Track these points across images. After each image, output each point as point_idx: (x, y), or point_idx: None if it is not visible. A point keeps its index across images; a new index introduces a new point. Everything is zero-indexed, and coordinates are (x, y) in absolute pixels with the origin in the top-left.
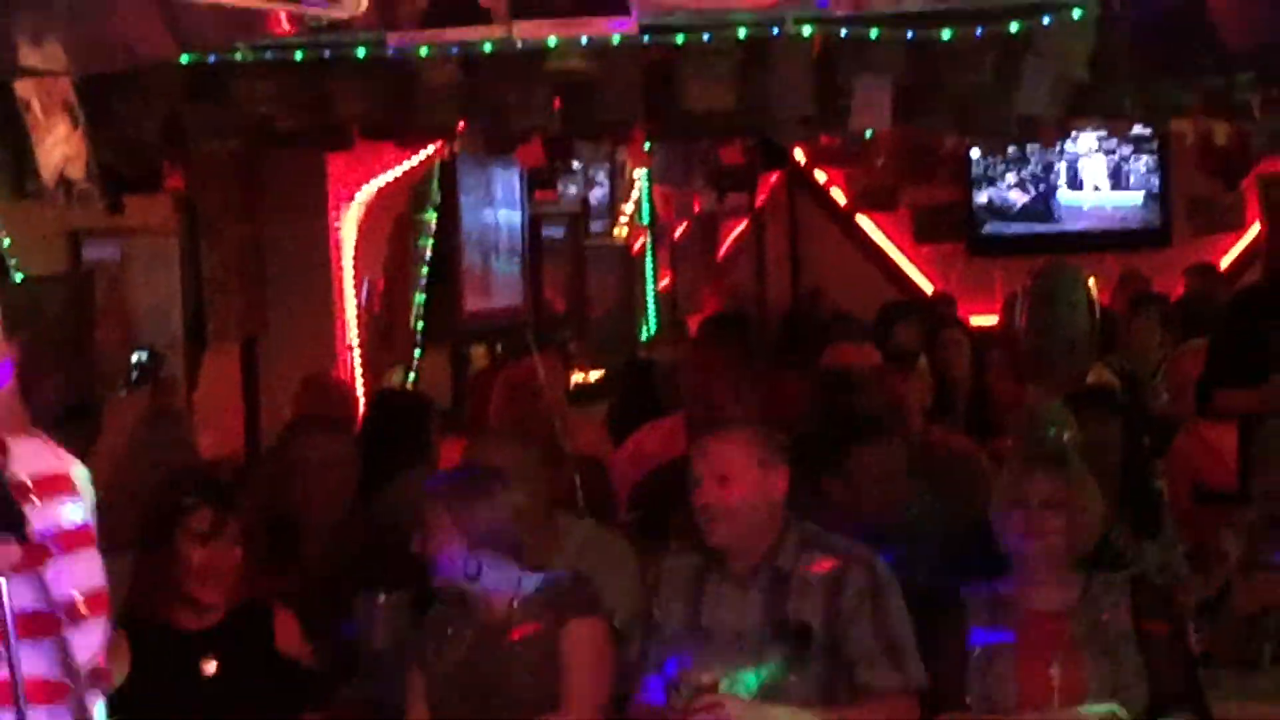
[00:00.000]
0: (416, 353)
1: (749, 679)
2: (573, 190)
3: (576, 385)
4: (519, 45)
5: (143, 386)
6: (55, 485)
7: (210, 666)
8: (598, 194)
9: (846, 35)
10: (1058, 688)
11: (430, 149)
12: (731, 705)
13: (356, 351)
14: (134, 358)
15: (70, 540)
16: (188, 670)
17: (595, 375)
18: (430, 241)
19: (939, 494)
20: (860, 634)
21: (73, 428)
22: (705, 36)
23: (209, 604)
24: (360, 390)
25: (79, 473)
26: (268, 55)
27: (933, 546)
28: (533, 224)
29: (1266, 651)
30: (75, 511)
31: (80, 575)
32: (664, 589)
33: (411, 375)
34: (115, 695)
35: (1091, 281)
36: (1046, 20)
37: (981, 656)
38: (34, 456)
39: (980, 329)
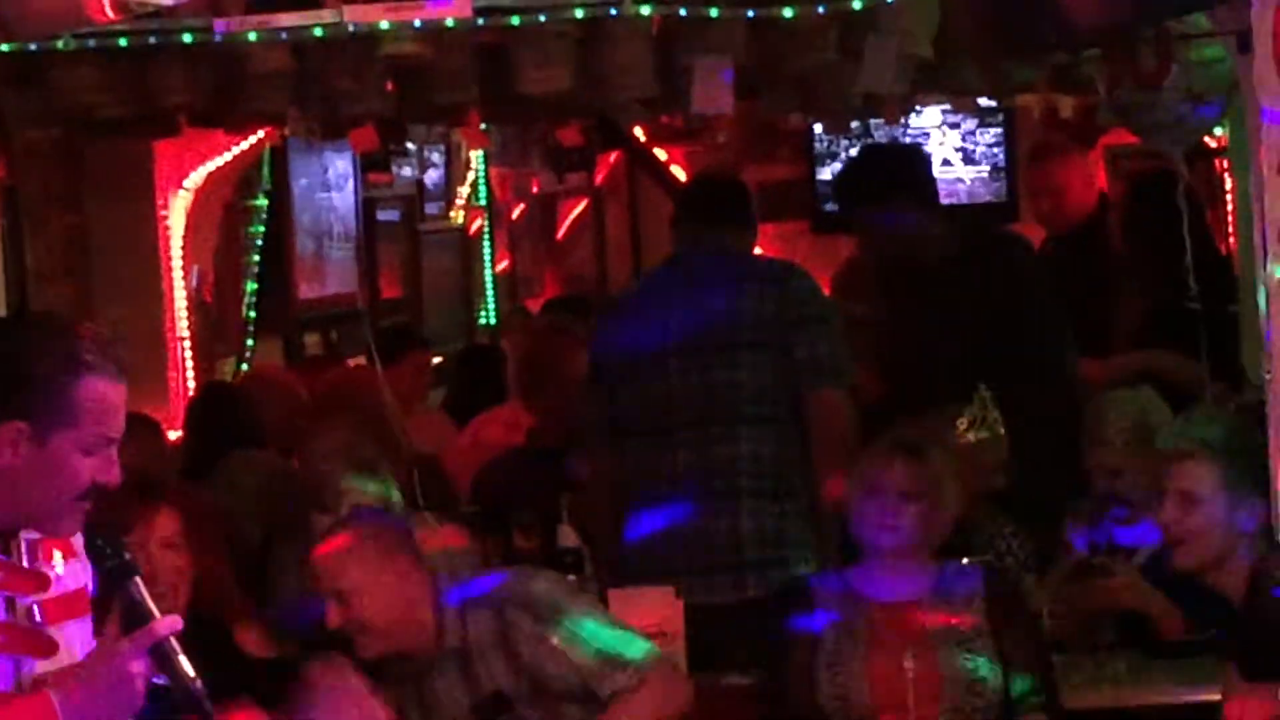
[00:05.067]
0: (249, 343)
1: None
2: (407, 172)
3: None
4: (350, 30)
5: None
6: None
7: None
8: (433, 176)
9: (686, 15)
10: (911, 680)
11: (260, 134)
12: None
13: (186, 341)
14: None
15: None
16: None
17: (433, 361)
18: (261, 229)
19: None
20: (560, 667)
21: None
22: (541, 18)
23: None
24: (191, 381)
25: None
26: (90, 43)
27: None
28: (366, 207)
29: (1112, 637)
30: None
31: None
32: (397, 708)
33: (244, 366)
34: None
35: None
36: None
37: (832, 649)
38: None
39: None
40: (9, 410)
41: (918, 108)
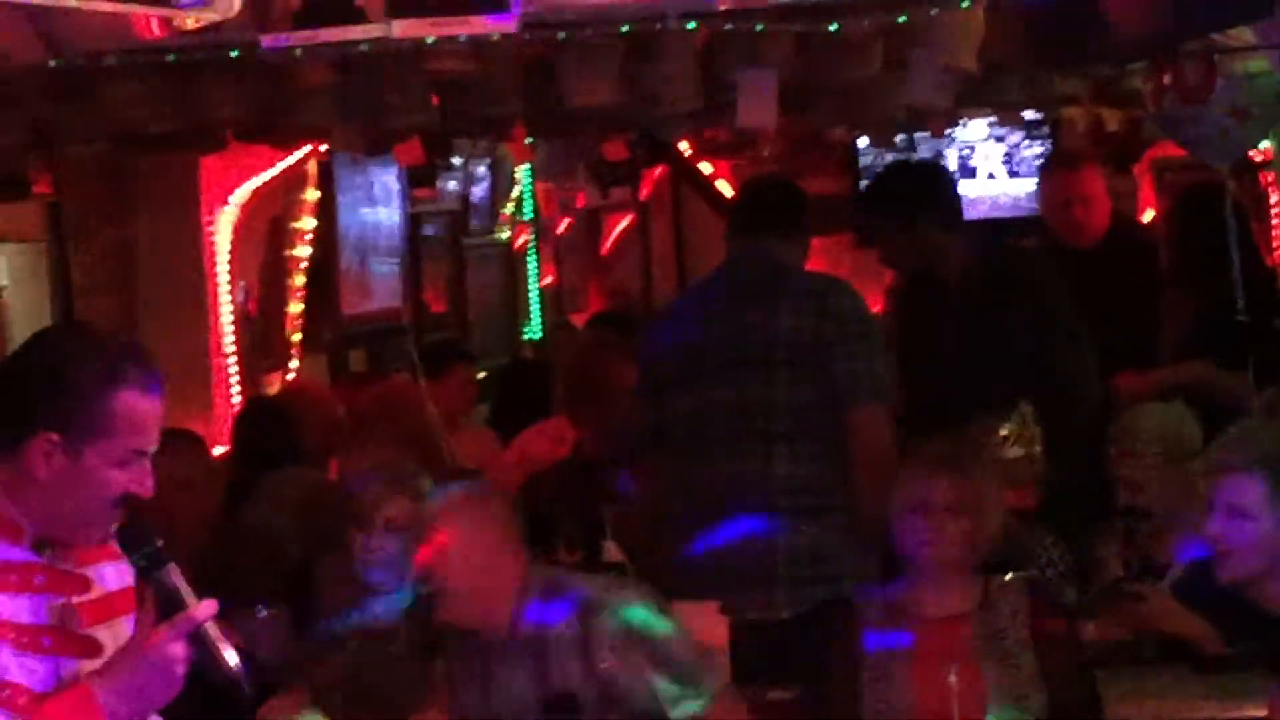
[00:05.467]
0: (293, 361)
1: None
2: (453, 187)
3: None
4: (396, 44)
5: None
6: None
7: None
8: (478, 191)
9: (731, 29)
10: (956, 694)
11: (306, 149)
12: None
13: (232, 358)
14: None
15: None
16: None
17: (478, 376)
18: (308, 251)
19: None
20: (641, 686)
21: None
22: (587, 31)
23: None
24: (236, 397)
25: None
26: (137, 59)
27: None
28: (412, 223)
29: (1154, 652)
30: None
31: None
32: (456, 682)
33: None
34: None
35: None
36: (934, 10)
37: (876, 664)
38: None
39: None
40: (43, 420)
41: (963, 120)
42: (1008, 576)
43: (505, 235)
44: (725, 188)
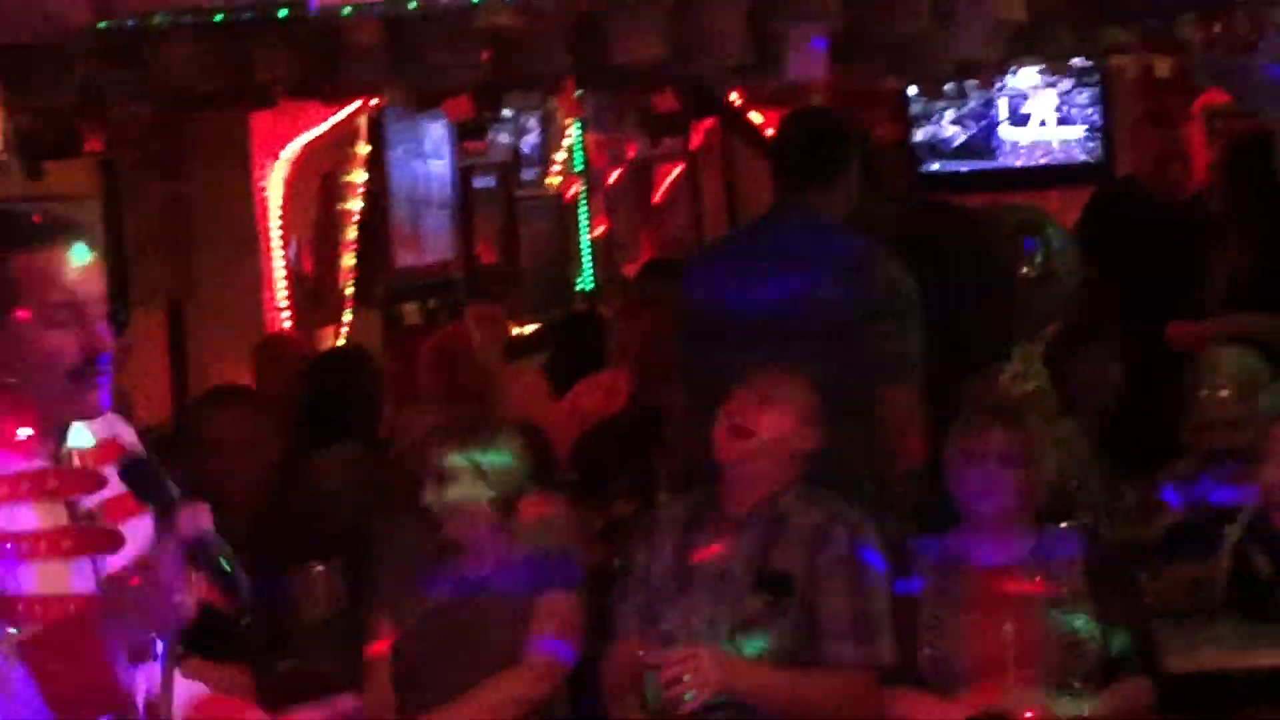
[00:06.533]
0: (346, 314)
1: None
2: (503, 139)
3: (512, 339)
4: (444, 2)
5: None
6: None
7: None
8: (529, 142)
9: None
10: (1011, 643)
11: (356, 104)
12: (703, 655)
13: (286, 312)
14: None
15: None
16: None
17: (530, 328)
18: (359, 204)
19: None
20: (833, 601)
21: None
22: None
23: None
24: None
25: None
26: (186, 19)
27: None
28: (463, 175)
29: (1212, 600)
30: None
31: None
32: (657, 535)
33: (342, 337)
34: None
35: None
36: None
37: (932, 613)
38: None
39: None
40: None
41: (1013, 70)
42: (1063, 525)
43: (556, 186)
44: None
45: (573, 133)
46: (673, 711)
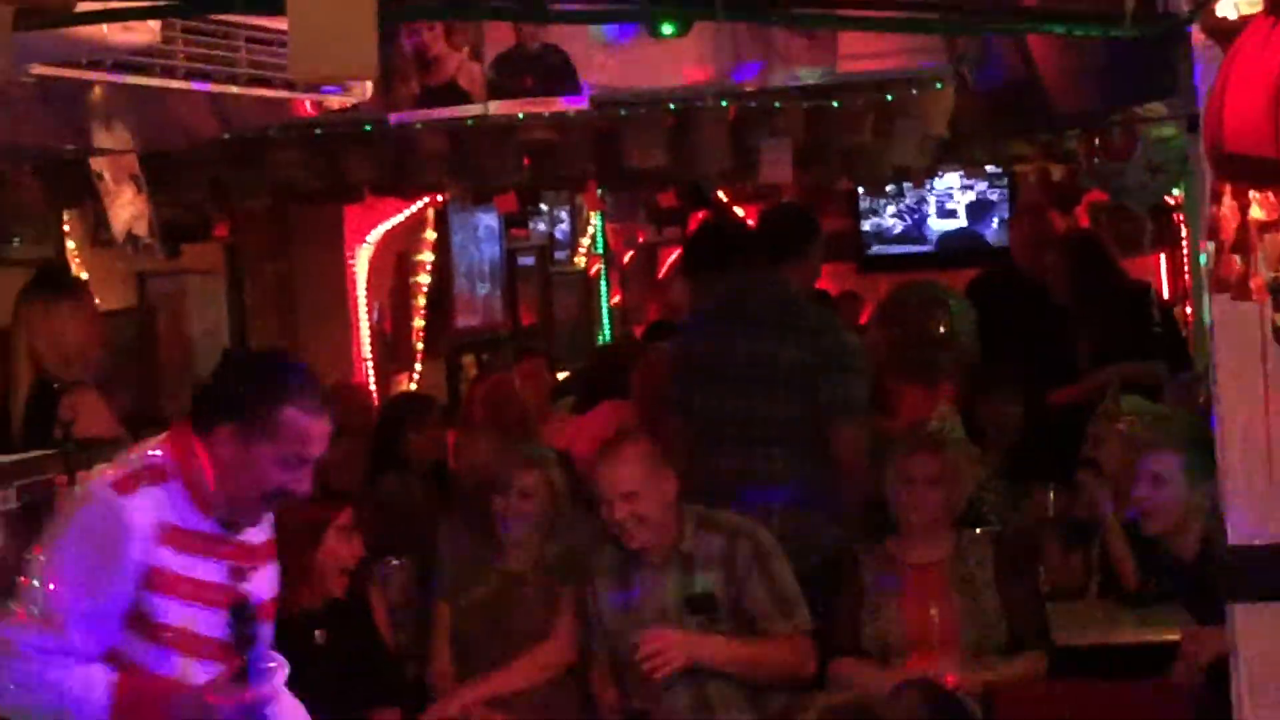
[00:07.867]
0: (417, 365)
1: None
2: (541, 227)
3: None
4: (495, 120)
5: None
6: None
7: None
8: (561, 230)
9: (755, 105)
10: (936, 625)
11: (425, 199)
12: (670, 634)
13: (370, 362)
14: None
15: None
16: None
17: (562, 376)
18: (427, 278)
19: None
20: (754, 593)
21: (145, 438)
22: (643, 110)
23: (334, 586)
24: (374, 391)
25: None
26: (293, 132)
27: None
28: (509, 256)
29: (1094, 586)
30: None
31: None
32: (598, 579)
33: (413, 383)
34: None
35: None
36: (914, 91)
37: (873, 602)
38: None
39: None
40: (232, 416)
41: (939, 174)
42: (977, 530)
43: (582, 264)
44: None
45: (595, 222)
46: (651, 681)
